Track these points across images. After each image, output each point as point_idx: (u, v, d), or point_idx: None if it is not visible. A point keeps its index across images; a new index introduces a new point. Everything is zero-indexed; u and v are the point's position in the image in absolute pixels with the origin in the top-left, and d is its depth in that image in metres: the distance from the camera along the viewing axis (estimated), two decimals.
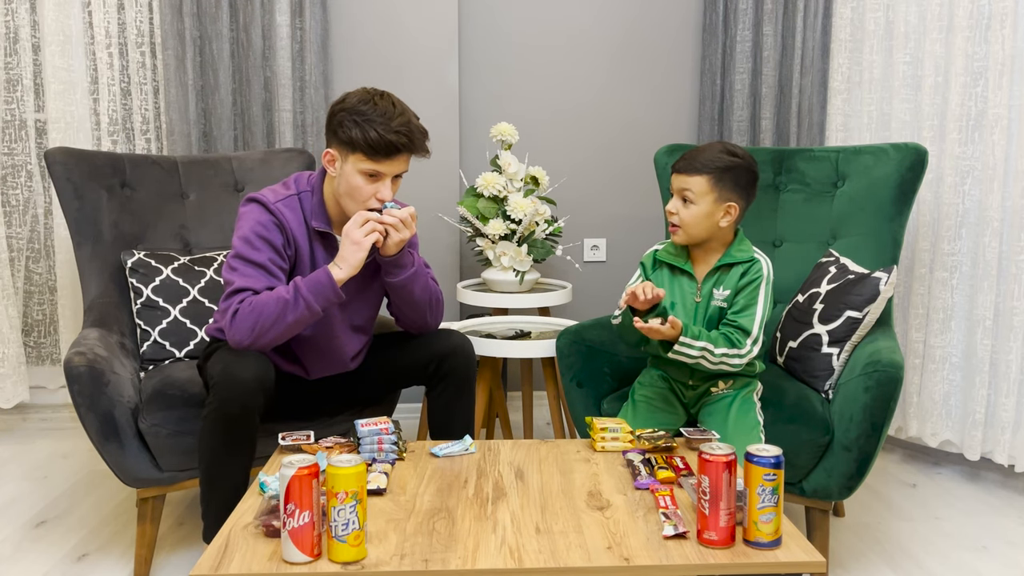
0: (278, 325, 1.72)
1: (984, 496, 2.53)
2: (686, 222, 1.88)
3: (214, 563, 1.26)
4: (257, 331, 1.72)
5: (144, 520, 1.98)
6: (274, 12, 2.86)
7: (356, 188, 1.76)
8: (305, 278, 1.74)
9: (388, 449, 1.67)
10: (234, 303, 1.75)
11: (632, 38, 3.24)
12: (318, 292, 1.72)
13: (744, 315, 1.87)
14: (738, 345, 1.84)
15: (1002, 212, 2.47)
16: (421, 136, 1.77)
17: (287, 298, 1.71)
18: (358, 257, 1.73)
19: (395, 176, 1.79)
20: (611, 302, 3.28)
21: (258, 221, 1.79)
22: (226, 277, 1.79)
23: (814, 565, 1.29)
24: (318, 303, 1.73)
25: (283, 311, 1.72)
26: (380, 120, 1.70)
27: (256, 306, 1.72)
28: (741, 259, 1.91)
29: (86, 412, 1.87)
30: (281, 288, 1.74)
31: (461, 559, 1.27)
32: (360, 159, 1.74)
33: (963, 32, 2.49)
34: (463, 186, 3.14)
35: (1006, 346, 2.46)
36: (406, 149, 1.75)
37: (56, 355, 3.19)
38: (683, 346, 1.80)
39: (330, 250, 1.88)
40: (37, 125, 3.00)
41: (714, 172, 1.85)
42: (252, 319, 1.72)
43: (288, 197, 1.84)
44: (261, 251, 1.78)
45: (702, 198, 1.86)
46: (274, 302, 1.72)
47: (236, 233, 1.81)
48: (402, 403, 3.17)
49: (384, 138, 1.70)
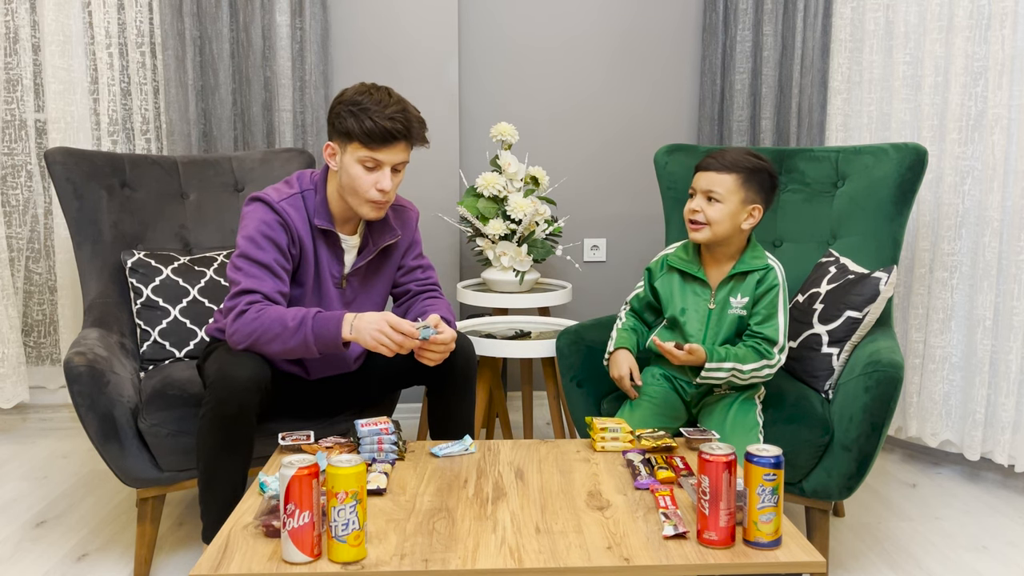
0: (275, 345, 1.73)
1: (984, 496, 2.53)
2: (713, 219, 1.87)
3: (214, 563, 1.26)
4: (254, 342, 1.73)
5: (144, 520, 1.98)
6: (274, 12, 2.86)
7: (356, 178, 1.77)
8: (318, 316, 1.71)
9: (388, 449, 1.67)
10: (240, 303, 1.75)
11: (632, 38, 3.24)
12: (323, 336, 1.71)
13: (768, 325, 1.89)
14: (767, 356, 1.87)
15: (1002, 212, 2.47)
16: (419, 125, 1.78)
17: (291, 326, 1.70)
18: (365, 342, 1.71)
19: (395, 167, 1.79)
20: (611, 302, 3.28)
21: (263, 220, 1.79)
22: (231, 276, 1.79)
23: (814, 565, 1.29)
24: (317, 345, 1.72)
25: (284, 335, 1.71)
26: (375, 109, 1.72)
27: (262, 319, 1.72)
28: (757, 266, 1.91)
29: (86, 412, 1.87)
30: (291, 312, 1.72)
31: (461, 559, 1.27)
32: (358, 148, 1.74)
33: (963, 32, 2.49)
34: (463, 186, 3.14)
35: (1006, 346, 2.46)
36: (403, 136, 1.75)
37: (56, 355, 3.19)
38: (710, 371, 1.84)
39: (332, 247, 1.88)
40: (37, 125, 3.00)
41: (743, 172, 1.86)
42: (254, 329, 1.72)
43: (292, 196, 1.84)
44: (266, 251, 1.78)
45: (729, 197, 1.86)
46: (279, 324, 1.71)
47: (241, 232, 1.81)
48: (402, 403, 3.17)
49: (379, 125, 1.71)
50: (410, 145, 1.79)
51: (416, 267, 2.04)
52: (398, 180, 1.81)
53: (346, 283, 1.92)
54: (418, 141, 1.79)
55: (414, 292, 2.02)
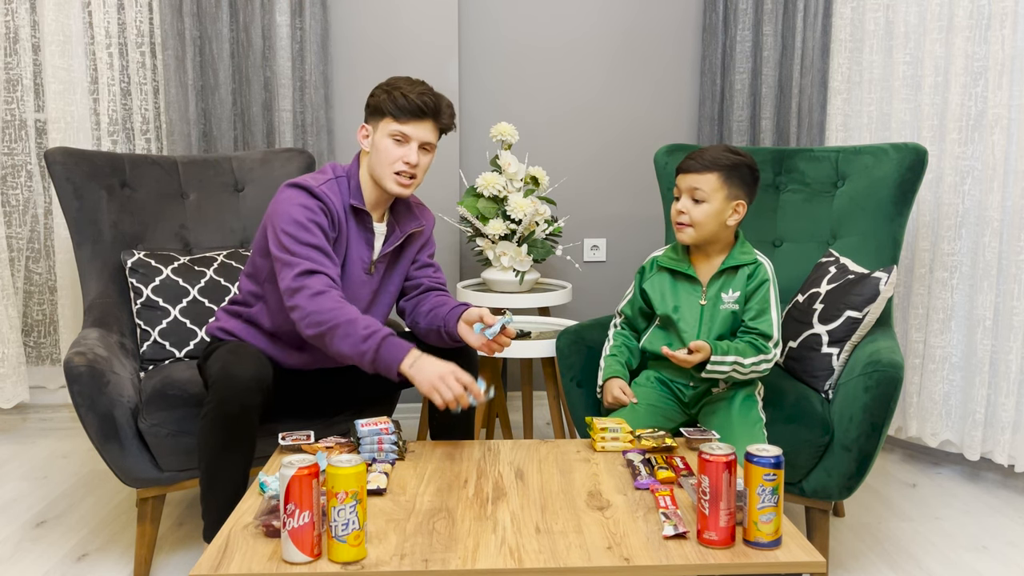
0: (339, 343, 1.71)
1: (984, 496, 2.53)
2: (698, 220, 1.89)
3: (214, 563, 1.26)
4: (325, 331, 1.72)
5: (144, 520, 1.98)
6: (274, 12, 2.86)
7: (384, 151, 1.84)
8: (388, 339, 1.70)
9: (388, 449, 1.67)
10: (316, 283, 1.74)
11: (632, 38, 3.24)
12: (384, 359, 1.70)
13: (761, 320, 1.90)
14: (764, 351, 1.88)
15: (1002, 212, 2.47)
16: (447, 107, 1.88)
17: (362, 334, 1.69)
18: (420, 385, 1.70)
19: (423, 145, 1.86)
20: (611, 302, 3.28)
21: (304, 205, 1.81)
22: (285, 259, 1.77)
23: (814, 565, 1.29)
24: (375, 365, 1.71)
25: (352, 339, 1.70)
26: (407, 87, 1.84)
27: (340, 315, 1.71)
28: (746, 261, 1.94)
29: (86, 412, 1.87)
30: (364, 321, 1.72)
31: (461, 559, 1.27)
32: (389, 122, 1.84)
33: (963, 32, 2.49)
34: (463, 186, 3.14)
35: (1006, 346, 2.46)
36: (430, 112, 1.84)
37: (56, 355, 3.19)
38: (715, 364, 1.84)
39: (365, 232, 1.91)
40: (37, 125, 3.00)
41: (723, 169, 1.88)
42: (330, 319, 1.71)
43: (328, 181, 1.89)
44: (315, 234, 1.80)
45: (713, 195, 1.88)
46: (352, 326, 1.70)
47: (282, 219, 1.79)
48: (402, 403, 3.17)
49: (408, 98, 1.82)
50: (437, 126, 1.88)
51: (429, 264, 2.07)
52: (426, 162, 1.89)
53: (374, 269, 1.94)
54: (445, 123, 1.89)
55: (426, 287, 2.04)
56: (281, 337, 1.93)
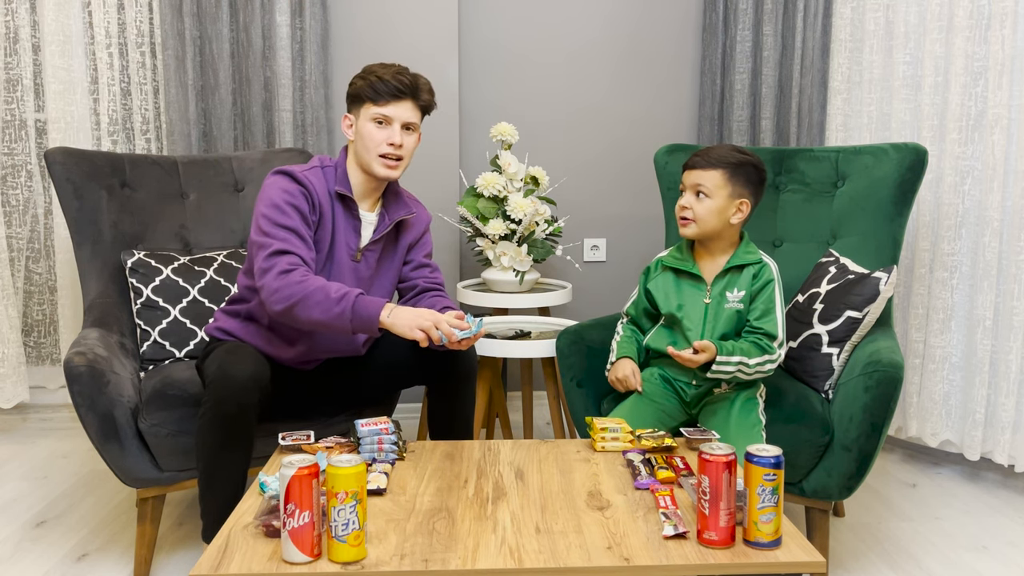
0: (314, 312, 1.73)
1: (984, 496, 2.53)
2: (700, 216, 1.91)
3: (214, 563, 1.26)
4: (293, 304, 1.73)
5: (144, 520, 1.98)
6: (274, 12, 2.86)
7: (367, 136, 1.87)
8: (360, 296, 1.74)
9: (388, 449, 1.67)
10: (281, 263, 1.76)
11: (632, 38, 3.24)
12: (361, 314, 1.72)
13: (766, 320, 1.91)
14: (769, 351, 1.88)
15: (1002, 212, 2.47)
16: (425, 85, 1.91)
17: (334, 297, 1.72)
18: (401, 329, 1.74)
19: (406, 125, 1.88)
20: (611, 302, 3.28)
21: (284, 190, 1.83)
22: (259, 240, 1.81)
23: (814, 565, 1.29)
24: (354, 323, 1.73)
25: (326, 304, 1.72)
26: (383, 71, 1.88)
27: (307, 285, 1.73)
28: (751, 260, 1.94)
29: (86, 412, 1.87)
30: (335, 285, 1.75)
31: (461, 559, 1.27)
32: (369, 107, 1.87)
33: (963, 32, 2.49)
34: (463, 186, 3.14)
35: (1006, 346, 2.46)
36: (409, 91, 1.87)
37: (56, 355, 3.19)
38: (720, 364, 1.84)
39: (350, 218, 1.93)
40: (37, 125, 3.00)
41: (728, 167, 1.90)
42: (295, 292, 1.73)
43: (313, 168, 1.92)
44: (292, 217, 1.82)
45: (717, 192, 1.89)
46: (322, 293, 1.72)
47: (263, 202, 1.83)
48: (402, 403, 3.17)
49: (384, 80, 1.85)
50: (417, 105, 1.90)
51: (425, 265, 2.07)
52: (411, 143, 1.90)
53: (361, 256, 1.95)
54: (425, 101, 1.90)
55: (421, 288, 2.04)
56: (278, 330, 1.93)
